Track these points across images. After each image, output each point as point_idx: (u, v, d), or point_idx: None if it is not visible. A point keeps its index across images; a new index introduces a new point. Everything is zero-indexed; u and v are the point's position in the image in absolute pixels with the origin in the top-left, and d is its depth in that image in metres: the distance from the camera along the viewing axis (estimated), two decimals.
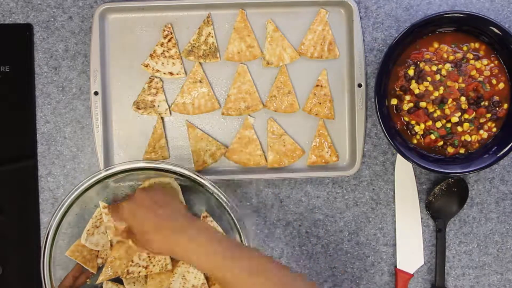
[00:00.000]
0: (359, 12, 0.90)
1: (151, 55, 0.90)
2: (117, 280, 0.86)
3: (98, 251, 0.87)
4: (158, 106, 0.90)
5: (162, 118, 0.91)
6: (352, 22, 0.89)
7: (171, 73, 0.90)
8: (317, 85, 0.91)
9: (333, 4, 0.90)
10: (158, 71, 0.90)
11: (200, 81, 0.90)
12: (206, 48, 0.90)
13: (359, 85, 0.89)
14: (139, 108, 0.90)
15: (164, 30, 0.90)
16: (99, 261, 0.87)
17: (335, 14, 0.91)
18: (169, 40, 0.90)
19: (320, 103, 0.91)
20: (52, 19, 0.91)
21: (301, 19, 0.91)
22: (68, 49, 0.91)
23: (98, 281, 0.86)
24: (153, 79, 0.90)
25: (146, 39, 0.91)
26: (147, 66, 0.90)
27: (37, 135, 0.91)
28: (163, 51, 0.90)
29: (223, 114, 0.91)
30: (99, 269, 0.87)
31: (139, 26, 0.91)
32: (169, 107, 0.91)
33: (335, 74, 0.91)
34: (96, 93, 0.89)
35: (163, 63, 0.90)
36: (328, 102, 0.91)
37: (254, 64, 0.91)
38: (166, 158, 0.91)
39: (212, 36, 0.90)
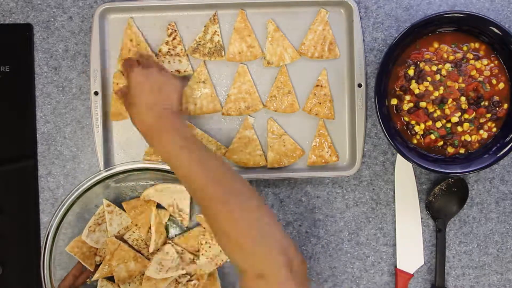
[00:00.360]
0: (359, 12, 0.90)
1: (156, 55, 0.90)
2: (113, 279, 0.87)
3: (97, 249, 0.87)
4: None
5: None
6: (352, 22, 0.89)
7: (178, 71, 0.90)
8: (317, 85, 0.91)
9: (333, 4, 0.90)
10: None
11: (204, 82, 0.90)
12: (211, 46, 0.90)
13: (359, 85, 0.89)
14: None
15: (168, 29, 0.90)
16: (97, 259, 0.87)
17: (335, 14, 0.91)
18: (174, 38, 0.90)
19: (320, 103, 0.91)
20: (52, 19, 0.91)
21: (301, 19, 0.91)
22: (68, 49, 0.91)
23: (94, 278, 0.86)
24: None
25: (149, 39, 0.90)
26: None
27: (37, 135, 0.91)
28: (169, 49, 0.90)
29: (223, 114, 0.91)
30: (97, 267, 0.87)
31: (139, 26, 0.90)
32: None
33: (335, 74, 0.91)
34: (96, 93, 0.89)
35: (169, 61, 0.90)
36: (328, 102, 0.91)
37: (255, 64, 0.91)
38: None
39: (218, 35, 0.90)
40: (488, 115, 0.85)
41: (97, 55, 0.88)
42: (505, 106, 0.86)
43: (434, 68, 0.85)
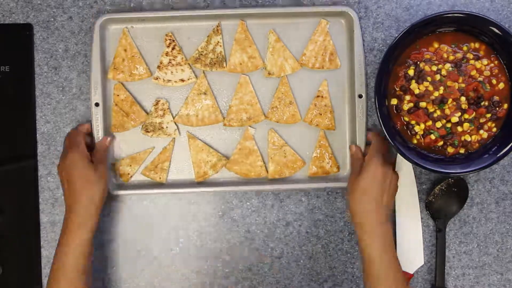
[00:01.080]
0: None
1: (158, 67, 0.90)
2: None
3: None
4: (167, 127, 0.90)
5: (173, 141, 0.91)
6: (353, 32, 0.89)
7: (182, 80, 0.90)
8: (318, 96, 0.91)
9: (333, 14, 0.90)
10: (169, 81, 0.90)
11: (205, 93, 0.90)
12: (213, 57, 0.90)
13: (360, 96, 0.89)
14: (148, 131, 0.90)
15: (166, 39, 0.90)
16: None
17: (336, 25, 0.91)
18: (173, 48, 0.90)
19: (321, 114, 0.90)
20: (52, 19, 0.91)
21: (302, 30, 0.91)
22: (68, 49, 0.91)
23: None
24: (159, 100, 0.90)
25: (147, 50, 0.90)
26: (157, 79, 0.90)
27: (37, 135, 0.91)
28: (170, 60, 0.90)
29: (225, 125, 0.91)
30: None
31: (140, 37, 0.90)
32: (173, 118, 0.91)
33: (335, 85, 0.91)
34: (97, 105, 0.88)
35: (172, 72, 0.90)
36: (329, 113, 0.91)
37: (256, 74, 0.91)
38: (162, 182, 0.91)
39: (220, 45, 0.90)
40: (488, 115, 0.85)
41: (98, 66, 0.88)
42: (505, 106, 0.86)
43: (434, 68, 0.85)
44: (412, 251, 0.91)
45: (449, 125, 0.85)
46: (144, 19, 0.89)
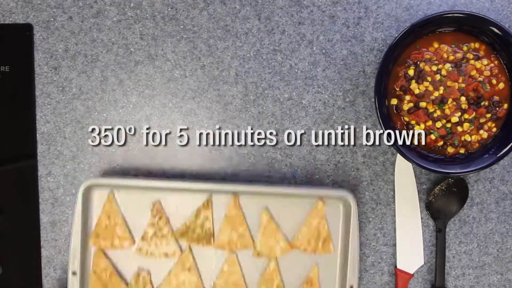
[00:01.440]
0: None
1: (142, 237, 0.86)
2: None
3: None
4: None
5: None
6: (350, 220, 0.85)
7: (166, 254, 0.86)
8: (307, 282, 0.87)
9: (331, 197, 0.87)
10: (152, 254, 0.86)
11: (189, 270, 0.86)
12: (200, 232, 0.86)
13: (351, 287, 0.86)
14: None
15: (153, 209, 0.86)
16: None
17: (333, 209, 0.87)
18: (160, 218, 0.86)
19: None
20: (52, 19, 0.91)
21: (297, 209, 0.87)
22: (68, 49, 0.91)
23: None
24: (140, 273, 0.86)
25: (132, 216, 0.87)
26: (140, 250, 0.86)
27: (37, 135, 0.91)
28: (155, 231, 0.86)
29: None
30: None
31: (126, 203, 0.87)
32: None
33: (327, 271, 0.88)
34: (74, 273, 0.84)
35: (156, 244, 0.86)
36: None
37: (244, 253, 0.88)
38: None
39: (209, 221, 0.86)
40: (488, 115, 0.85)
41: (79, 232, 0.84)
42: (505, 106, 0.86)
43: (434, 68, 0.85)
44: (412, 251, 0.91)
45: (449, 125, 0.85)
46: (131, 187, 0.86)
